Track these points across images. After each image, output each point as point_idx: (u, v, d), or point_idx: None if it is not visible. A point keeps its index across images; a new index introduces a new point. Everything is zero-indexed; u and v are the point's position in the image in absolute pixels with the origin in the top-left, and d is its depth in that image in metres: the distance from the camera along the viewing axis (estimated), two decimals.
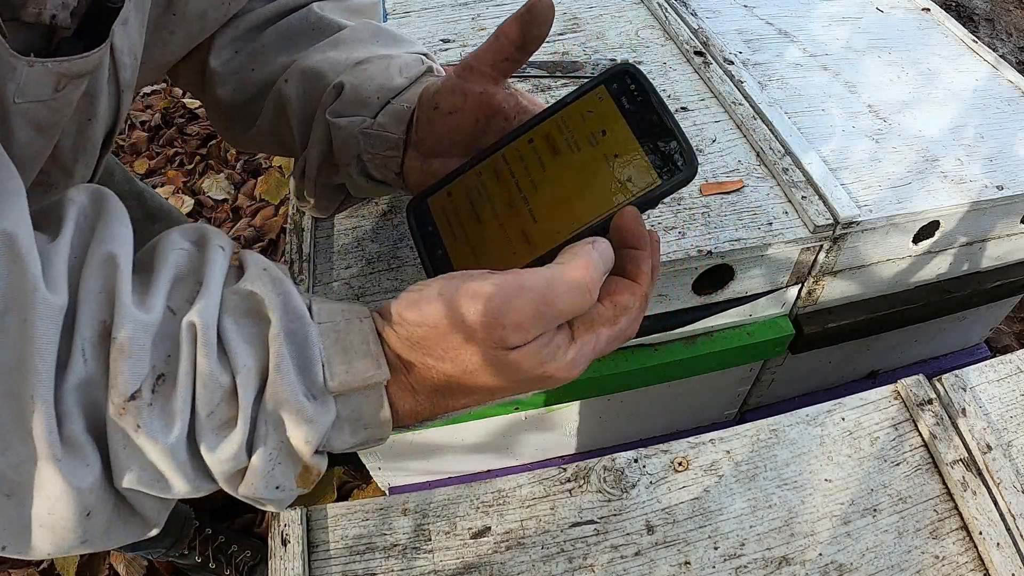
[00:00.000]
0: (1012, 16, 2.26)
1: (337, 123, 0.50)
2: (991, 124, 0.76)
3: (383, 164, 0.51)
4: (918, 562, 0.46)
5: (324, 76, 0.51)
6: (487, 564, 0.46)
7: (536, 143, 0.43)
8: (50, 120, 0.38)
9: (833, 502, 0.48)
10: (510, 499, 0.49)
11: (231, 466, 0.32)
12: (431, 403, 0.37)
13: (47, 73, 0.35)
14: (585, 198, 0.41)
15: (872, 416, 0.53)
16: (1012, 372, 0.55)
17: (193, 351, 0.31)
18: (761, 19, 0.91)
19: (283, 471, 0.33)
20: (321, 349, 0.34)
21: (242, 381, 0.31)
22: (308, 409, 0.32)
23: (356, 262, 0.62)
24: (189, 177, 1.91)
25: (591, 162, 0.41)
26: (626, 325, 0.37)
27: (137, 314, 0.30)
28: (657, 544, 0.47)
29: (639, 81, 0.41)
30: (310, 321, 0.34)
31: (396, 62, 0.51)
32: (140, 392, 0.30)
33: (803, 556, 0.46)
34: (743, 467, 0.50)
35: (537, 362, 0.34)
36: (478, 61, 0.45)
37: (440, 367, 0.35)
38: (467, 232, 0.44)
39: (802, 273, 0.69)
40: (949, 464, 0.49)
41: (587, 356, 0.36)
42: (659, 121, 0.40)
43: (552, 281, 0.33)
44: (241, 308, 0.33)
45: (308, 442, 0.33)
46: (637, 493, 0.49)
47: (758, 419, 0.53)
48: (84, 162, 0.46)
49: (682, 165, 0.38)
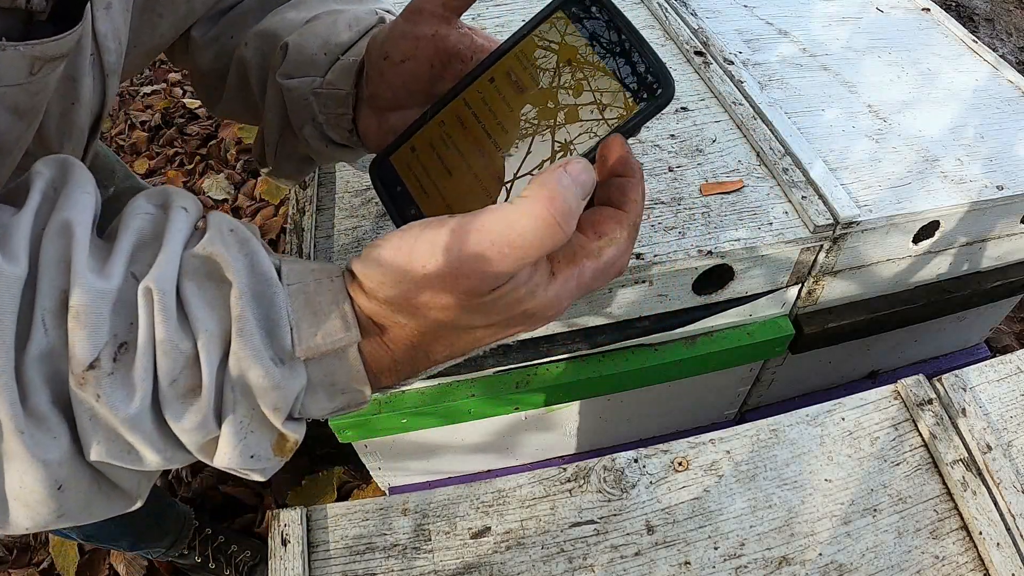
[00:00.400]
0: (1012, 16, 2.26)
1: (287, 84, 0.47)
2: (991, 124, 0.76)
3: (336, 123, 0.48)
4: (918, 562, 0.46)
5: (278, 37, 0.49)
6: (487, 564, 0.46)
7: (498, 81, 0.40)
8: (28, 104, 0.38)
9: (833, 502, 0.48)
10: (510, 499, 0.49)
11: (200, 436, 0.31)
12: (410, 360, 0.35)
13: (20, 57, 0.34)
14: (559, 134, 0.38)
15: (872, 416, 0.53)
16: (1012, 372, 0.55)
17: (151, 317, 0.30)
18: (761, 19, 0.91)
19: (257, 439, 0.32)
20: (289, 311, 0.32)
21: (203, 346, 0.30)
22: (275, 374, 0.31)
23: None
24: (189, 177, 1.92)
25: (559, 93, 0.38)
26: (613, 257, 0.34)
27: (93, 280, 0.29)
28: (657, 544, 0.47)
29: (601, 1, 0.38)
30: (277, 282, 0.32)
31: (344, 16, 0.48)
32: (99, 361, 0.29)
33: (803, 556, 0.46)
34: (743, 467, 0.50)
35: (515, 301, 0.32)
36: (426, 1, 0.42)
37: (412, 324, 0.33)
38: (439, 187, 0.41)
39: (802, 273, 0.69)
40: (949, 464, 0.49)
41: (571, 292, 0.34)
42: (627, 42, 0.37)
43: (513, 219, 0.30)
44: (202, 270, 0.32)
45: (277, 408, 0.31)
46: (637, 493, 0.49)
47: (758, 419, 0.53)
48: (70, 147, 0.45)
49: (657, 87, 0.36)
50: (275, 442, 0.33)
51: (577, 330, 0.69)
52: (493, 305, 0.32)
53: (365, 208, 0.67)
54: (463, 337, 0.34)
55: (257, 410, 0.32)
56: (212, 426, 0.31)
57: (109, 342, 0.29)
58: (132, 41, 0.46)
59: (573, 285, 0.34)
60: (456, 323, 0.33)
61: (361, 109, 0.47)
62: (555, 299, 0.33)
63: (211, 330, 0.31)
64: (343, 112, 0.47)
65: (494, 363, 0.67)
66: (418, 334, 0.34)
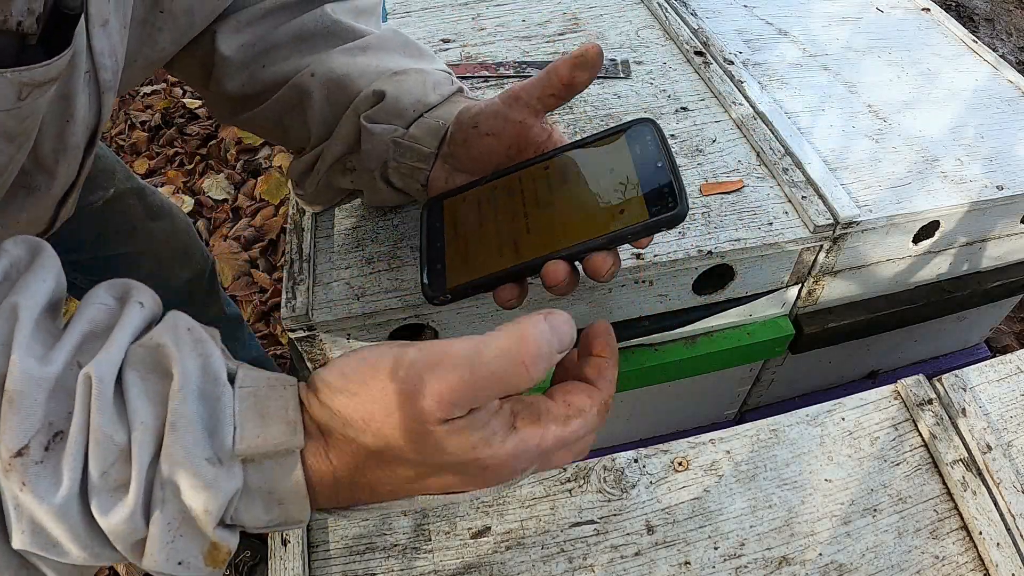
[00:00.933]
0: (1012, 16, 2.26)
1: (371, 128, 0.52)
2: (991, 124, 0.76)
3: (409, 174, 0.54)
4: (918, 562, 0.46)
5: (353, 79, 0.53)
6: (487, 564, 0.46)
7: (551, 169, 0.48)
8: (17, 128, 0.37)
9: (833, 502, 0.48)
10: (510, 499, 0.49)
11: (127, 533, 0.29)
12: (351, 482, 0.33)
13: (7, 83, 0.34)
14: (578, 221, 0.45)
15: (872, 416, 0.53)
16: (1012, 372, 0.55)
17: (87, 405, 0.29)
18: (761, 19, 0.91)
19: (186, 545, 0.30)
20: (236, 412, 0.31)
21: (137, 439, 0.29)
22: (207, 473, 0.29)
23: (356, 262, 0.62)
24: (189, 177, 1.91)
25: (592, 192, 0.46)
26: (579, 429, 0.34)
27: (31, 366, 0.29)
28: (657, 544, 0.47)
29: (656, 132, 0.46)
30: (226, 383, 0.32)
31: (431, 78, 0.54)
32: (28, 448, 0.28)
33: (803, 556, 0.46)
34: (743, 467, 0.50)
35: (467, 445, 0.30)
36: (525, 93, 0.48)
37: (360, 440, 0.31)
38: (466, 232, 0.48)
39: (802, 273, 0.69)
40: (949, 464, 0.49)
41: (530, 455, 0.32)
42: (663, 168, 0.44)
43: (480, 347, 0.29)
44: (148, 361, 0.31)
45: (208, 511, 0.29)
46: (637, 493, 0.49)
47: (758, 419, 0.53)
48: (66, 163, 0.45)
49: (672, 206, 0.42)
50: (207, 551, 0.31)
51: (577, 330, 0.68)
52: (446, 440, 0.30)
53: (365, 208, 0.67)
54: (409, 472, 0.33)
55: (186, 512, 0.30)
56: (140, 524, 0.29)
57: (41, 429, 0.28)
58: (131, 56, 0.47)
59: (533, 446, 0.32)
60: (403, 452, 0.31)
61: (436, 164, 0.53)
62: (511, 456, 0.32)
63: (147, 423, 0.29)
64: (422, 167, 0.53)
65: None
66: (364, 455, 0.32)
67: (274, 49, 0.55)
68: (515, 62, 0.82)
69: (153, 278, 0.95)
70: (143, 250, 0.90)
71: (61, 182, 0.47)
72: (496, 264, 0.45)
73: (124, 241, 0.87)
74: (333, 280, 0.61)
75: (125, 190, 0.85)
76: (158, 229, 0.91)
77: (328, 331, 0.60)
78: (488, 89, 0.79)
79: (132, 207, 0.87)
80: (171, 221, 0.93)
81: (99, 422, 0.29)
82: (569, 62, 0.46)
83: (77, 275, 0.87)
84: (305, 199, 0.63)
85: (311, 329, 0.59)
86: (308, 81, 0.53)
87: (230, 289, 1.65)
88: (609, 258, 0.43)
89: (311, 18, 0.55)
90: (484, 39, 0.87)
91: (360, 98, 0.53)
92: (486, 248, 0.47)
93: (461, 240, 0.48)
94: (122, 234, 0.87)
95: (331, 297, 0.60)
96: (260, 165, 1.92)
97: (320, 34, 0.55)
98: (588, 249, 0.43)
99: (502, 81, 0.80)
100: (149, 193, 0.90)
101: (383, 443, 0.31)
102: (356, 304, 0.59)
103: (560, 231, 0.45)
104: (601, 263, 0.43)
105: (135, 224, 0.88)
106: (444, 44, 0.86)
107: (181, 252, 0.96)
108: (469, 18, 0.91)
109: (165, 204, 0.93)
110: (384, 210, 0.66)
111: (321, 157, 0.56)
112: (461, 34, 0.88)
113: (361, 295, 0.60)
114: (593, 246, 0.43)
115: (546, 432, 0.32)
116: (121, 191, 0.84)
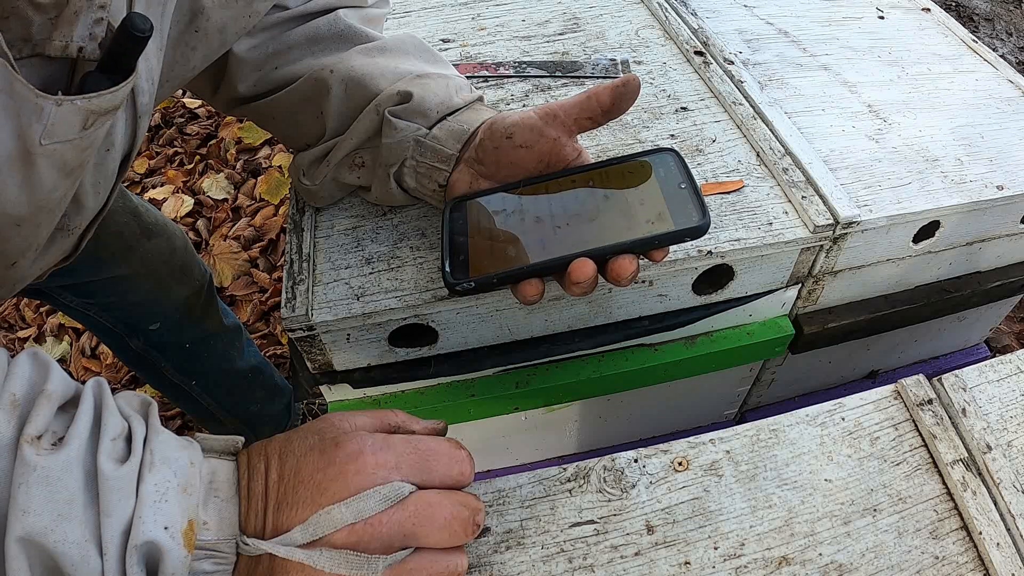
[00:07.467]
0: (1012, 16, 2.26)
1: (395, 123, 0.54)
2: (991, 124, 0.76)
3: (426, 174, 0.56)
4: (918, 562, 0.46)
5: (373, 78, 0.55)
6: (487, 564, 0.46)
7: (578, 181, 0.52)
8: (76, 160, 0.36)
9: (833, 502, 0.48)
10: (510, 499, 0.49)
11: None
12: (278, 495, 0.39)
13: (76, 111, 0.33)
14: (607, 226, 0.48)
15: (872, 416, 0.53)
16: (1012, 372, 0.55)
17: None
18: (761, 19, 0.91)
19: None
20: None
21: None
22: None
23: (356, 262, 0.62)
24: (189, 177, 1.91)
25: (622, 202, 0.49)
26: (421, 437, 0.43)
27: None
28: (657, 544, 0.47)
29: (678, 159, 0.51)
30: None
31: (453, 83, 0.57)
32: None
33: (803, 556, 0.46)
34: (743, 467, 0.50)
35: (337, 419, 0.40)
36: (563, 112, 0.50)
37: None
38: (491, 229, 0.51)
39: (802, 273, 0.69)
40: (949, 464, 0.49)
41: (388, 440, 0.41)
42: (685, 188, 0.48)
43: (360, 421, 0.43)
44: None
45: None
46: (637, 493, 0.49)
47: (758, 419, 0.53)
48: (99, 192, 0.45)
49: (695, 218, 0.46)
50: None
51: (577, 330, 0.69)
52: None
53: (364, 207, 0.67)
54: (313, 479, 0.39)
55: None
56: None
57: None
58: (163, 76, 0.46)
59: (399, 439, 0.42)
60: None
61: (456, 167, 0.55)
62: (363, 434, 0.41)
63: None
64: (442, 168, 0.55)
65: (493, 363, 0.67)
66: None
67: (287, 51, 0.56)
68: (515, 62, 0.82)
69: (151, 297, 0.94)
70: (139, 271, 0.89)
71: (88, 214, 0.46)
72: (522, 259, 0.48)
73: (120, 263, 0.86)
74: (333, 280, 0.61)
75: (118, 208, 0.84)
76: (154, 248, 0.89)
77: (328, 331, 0.60)
78: (488, 89, 0.79)
79: (126, 225, 0.85)
80: (168, 239, 0.92)
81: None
82: (610, 90, 0.48)
83: (73, 298, 0.86)
84: (308, 191, 0.63)
85: (311, 329, 0.59)
86: (327, 76, 0.55)
87: (230, 289, 1.65)
88: (634, 263, 0.46)
89: (324, 22, 0.56)
90: (484, 39, 0.87)
91: (383, 96, 0.54)
92: (512, 244, 0.49)
93: (485, 236, 0.50)
94: (117, 255, 0.85)
95: (331, 297, 0.60)
96: (260, 165, 1.92)
97: (333, 37, 0.56)
98: (617, 250, 0.46)
99: (502, 81, 0.80)
100: (144, 211, 0.88)
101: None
102: (356, 304, 0.59)
103: (589, 233, 0.48)
104: (628, 264, 0.45)
105: (130, 244, 0.86)
106: (444, 44, 0.86)
107: (178, 270, 0.95)
108: (469, 18, 0.91)
109: (160, 221, 0.91)
110: (384, 210, 0.66)
111: (334, 149, 0.57)
112: (461, 34, 0.88)
113: (361, 295, 0.60)
114: (621, 248, 0.46)
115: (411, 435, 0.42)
116: (114, 210, 0.82)
